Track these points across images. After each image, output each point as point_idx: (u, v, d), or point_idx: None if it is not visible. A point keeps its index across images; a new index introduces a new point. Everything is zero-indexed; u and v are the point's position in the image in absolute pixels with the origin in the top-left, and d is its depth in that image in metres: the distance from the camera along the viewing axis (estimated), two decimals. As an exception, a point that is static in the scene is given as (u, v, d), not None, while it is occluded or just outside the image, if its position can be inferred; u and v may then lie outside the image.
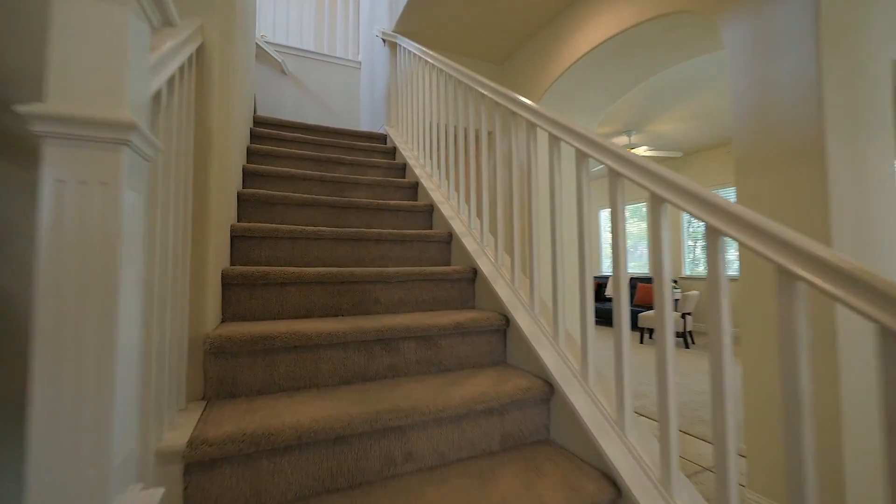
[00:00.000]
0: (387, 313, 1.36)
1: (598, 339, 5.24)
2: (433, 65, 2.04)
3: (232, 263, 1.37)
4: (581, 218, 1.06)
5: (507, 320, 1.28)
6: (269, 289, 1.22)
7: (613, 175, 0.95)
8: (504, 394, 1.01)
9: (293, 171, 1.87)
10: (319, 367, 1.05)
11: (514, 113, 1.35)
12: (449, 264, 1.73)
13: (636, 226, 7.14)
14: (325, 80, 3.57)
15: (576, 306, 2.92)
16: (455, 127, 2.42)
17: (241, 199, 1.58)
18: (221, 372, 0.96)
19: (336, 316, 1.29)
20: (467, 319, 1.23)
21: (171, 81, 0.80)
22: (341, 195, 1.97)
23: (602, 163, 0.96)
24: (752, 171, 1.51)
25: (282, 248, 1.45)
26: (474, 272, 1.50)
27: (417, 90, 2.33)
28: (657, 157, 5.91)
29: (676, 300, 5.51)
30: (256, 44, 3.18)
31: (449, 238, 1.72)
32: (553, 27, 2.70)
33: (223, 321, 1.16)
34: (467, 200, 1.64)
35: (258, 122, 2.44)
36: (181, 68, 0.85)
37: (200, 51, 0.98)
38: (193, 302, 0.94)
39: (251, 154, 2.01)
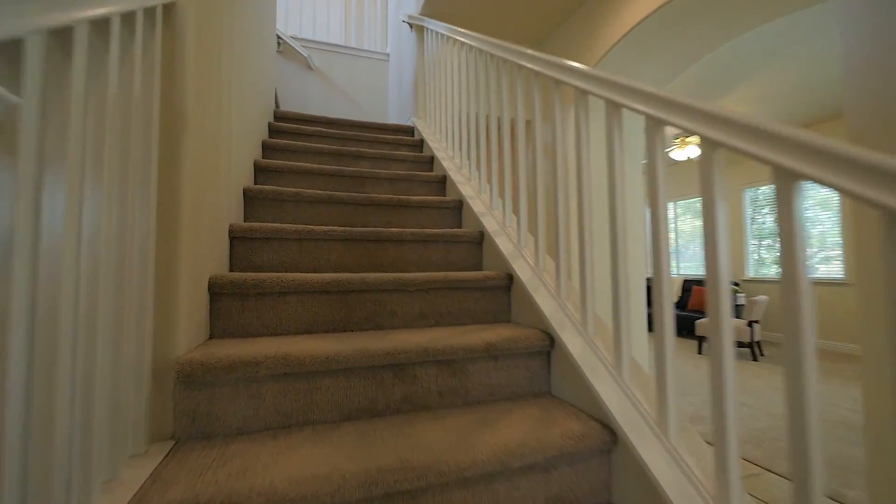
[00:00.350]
0: (404, 328, 1.15)
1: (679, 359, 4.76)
2: (462, 42, 1.81)
3: (231, 269, 1.21)
4: (656, 210, 0.78)
5: (551, 340, 1.02)
6: (266, 299, 1.04)
7: (708, 146, 0.68)
8: (550, 443, 0.76)
9: (307, 165, 1.70)
10: (315, 399, 0.85)
11: (558, 82, 1.09)
12: (480, 268, 1.49)
13: (689, 223, 6.54)
14: (352, 75, 3.44)
15: (643, 324, 2.58)
16: (487, 116, 2.19)
17: (248, 197, 1.43)
18: (194, 405, 0.78)
19: (344, 331, 1.09)
20: (501, 339, 0.98)
21: (97, 24, 0.61)
22: (360, 191, 1.78)
23: (691, 132, 0.69)
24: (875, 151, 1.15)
25: (288, 251, 1.27)
26: (510, 278, 1.25)
27: (446, 75, 2.10)
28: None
29: (740, 306, 4.94)
30: (280, 38, 3.08)
31: (480, 238, 1.48)
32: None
33: (211, 337, 0.99)
34: (501, 194, 1.39)
35: (279, 116, 2.31)
36: (127, 17, 0.67)
37: (170, 10, 0.81)
38: (160, 318, 0.77)
39: (267, 149, 1.87)
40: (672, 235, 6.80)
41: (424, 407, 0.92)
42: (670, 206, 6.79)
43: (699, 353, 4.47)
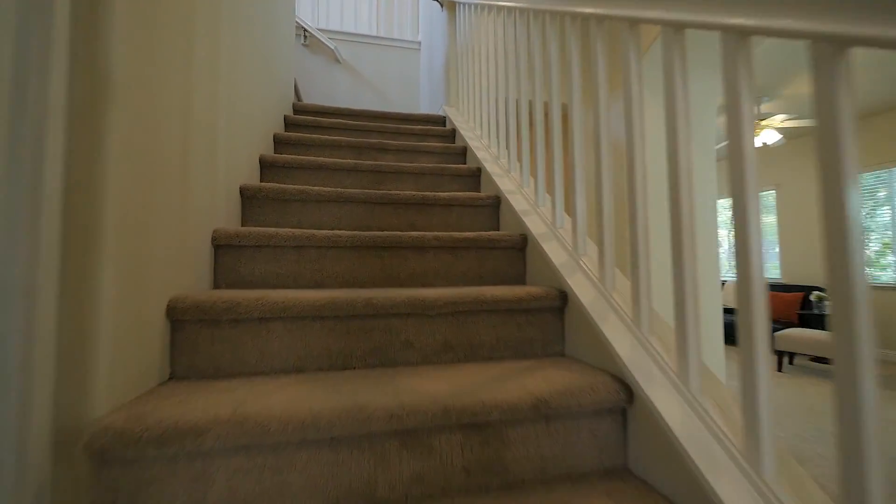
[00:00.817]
0: (423, 363, 0.87)
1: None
2: (500, 6, 1.51)
3: (216, 284, 1.00)
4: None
5: (628, 394, 0.71)
6: (243, 328, 0.80)
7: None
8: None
9: (320, 159, 1.47)
10: (288, 481, 0.60)
11: (634, 22, 0.77)
12: (523, 281, 1.19)
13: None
14: (381, 66, 3.23)
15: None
16: (531, 102, 1.86)
17: (245, 196, 1.22)
18: (112, 494, 0.55)
19: (345, 368, 0.84)
20: (555, 391, 0.68)
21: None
22: (381, 187, 1.53)
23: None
24: None
25: (284, 262, 1.04)
26: (563, 298, 0.94)
27: (481, 55, 1.81)
28: (800, 126, 4.66)
29: (826, 316, 4.24)
30: (307, 30, 2.92)
31: (522, 242, 1.18)
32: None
33: (172, 377, 0.77)
34: (550, 189, 1.08)
35: (298, 109, 2.12)
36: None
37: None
38: (67, 363, 0.54)
39: (279, 143, 1.67)
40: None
41: (445, 491, 0.65)
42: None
43: (779, 369, 3.86)
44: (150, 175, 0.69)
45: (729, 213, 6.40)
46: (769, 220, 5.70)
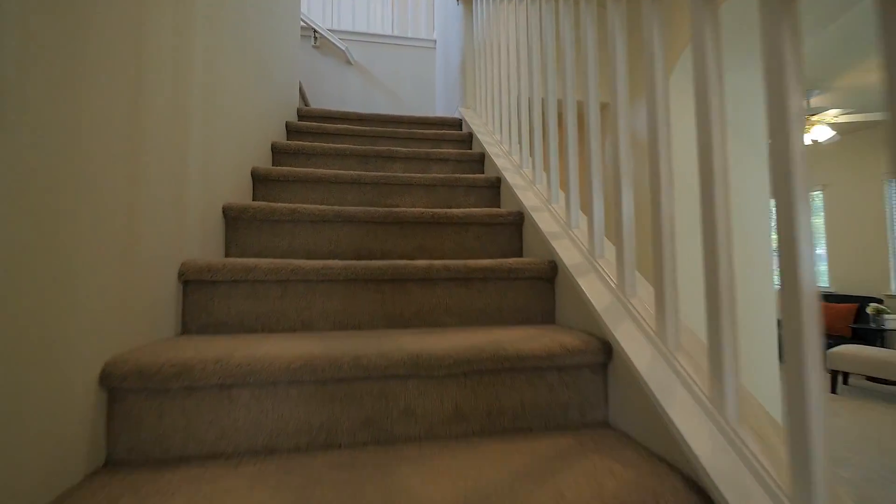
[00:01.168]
0: (429, 437, 0.69)
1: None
2: (521, -7, 1.31)
3: (184, 329, 0.84)
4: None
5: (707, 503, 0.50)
6: (199, 397, 0.63)
7: None
8: None
9: (319, 171, 1.31)
10: None
11: (714, -6, 0.56)
12: (552, 319, 0.99)
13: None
14: (394, 66, 3.06)
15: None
16: (560, 102, 1.66)
17: (230, 218, 1.06)
18: None
19: (328, 447, 0.66)
20: (613, 498, 0.49)
21: None
22: (387, 202, 1.36)
23: None
24: None
25: (266, 298, 0.87)
26: (606, 352, 0.74)
27: (501, 48, 1.62)
28: (854, 121, 4.25)
29: (886, 331, 3.85)
30: (316, 31, 2.79)
31: (551, 272, 0.98)
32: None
33: (106, 464, 0.60)
34: (586, 207, 0.87)
35: (303, 115, 1.98)
36: None
37: None
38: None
39: (278, 153, 1.52)
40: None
41: None
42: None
43: (833, 391, 3.49)
44: (66, 206, 0.53)
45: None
46: (815, 223, 5.27)
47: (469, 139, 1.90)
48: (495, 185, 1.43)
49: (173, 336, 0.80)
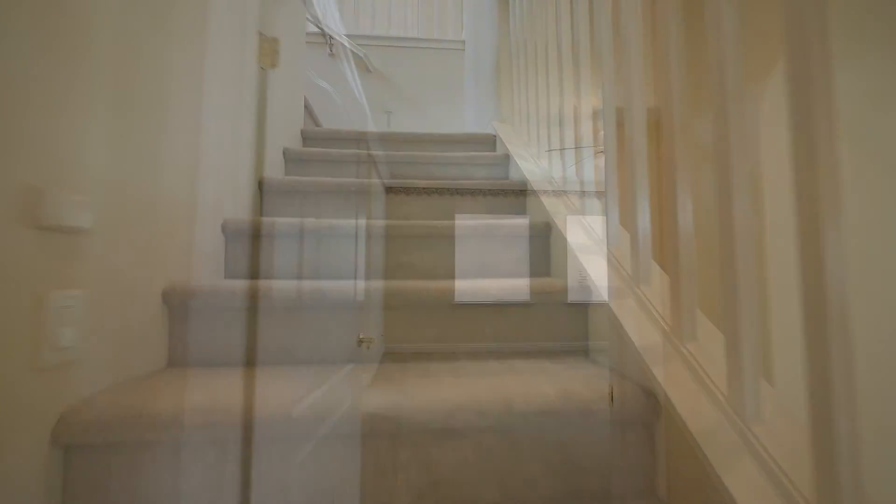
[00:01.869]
0: None
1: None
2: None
3: None
4: None
5: None
6: None
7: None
8: None
9: (308, 220, 1.00)
10: None
11: None
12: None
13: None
14: (418, 72, 2.74)
15: None
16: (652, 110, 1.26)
17: (171, 306, 0.76)
18: None
19: None
20: None
21: None
22: (399, 260, 1.03)
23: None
24: None
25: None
26: None
27: (550, 43, 1.26)
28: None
29: None
30: (331, 37, 2.51)
31: (651, 414, 0.60)
32: None
33: None
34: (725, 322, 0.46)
35: (308, 137, 1.69)
36: None
37: None
38: None
39: (268, 192, 1.23)
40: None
41: None
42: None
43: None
44: None
45: None
46: None
47: (505, 162, 1.54)
48: (544, 235, 1.06)
49: None
